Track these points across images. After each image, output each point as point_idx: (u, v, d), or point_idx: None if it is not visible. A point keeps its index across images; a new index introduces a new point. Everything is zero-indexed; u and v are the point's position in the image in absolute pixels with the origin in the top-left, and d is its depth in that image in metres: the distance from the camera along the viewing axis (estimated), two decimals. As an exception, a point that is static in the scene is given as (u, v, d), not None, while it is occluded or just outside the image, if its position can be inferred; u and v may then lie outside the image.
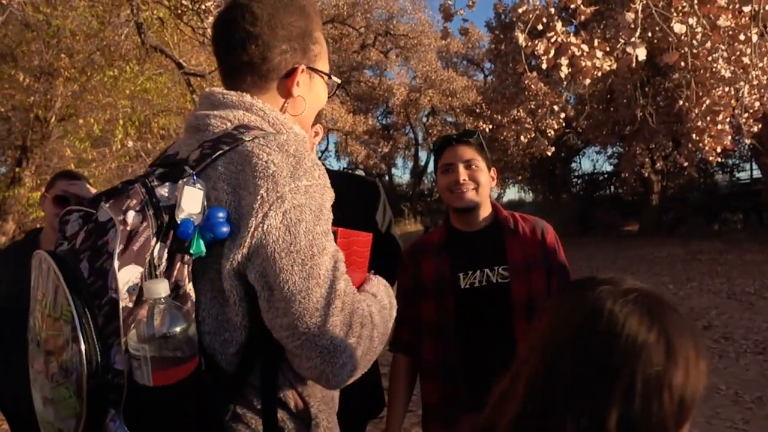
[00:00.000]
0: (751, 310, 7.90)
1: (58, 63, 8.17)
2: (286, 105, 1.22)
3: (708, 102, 8.57)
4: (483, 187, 1.90)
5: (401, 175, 55.16)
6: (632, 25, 3.70)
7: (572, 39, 5.58)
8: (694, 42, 5.89)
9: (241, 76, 1.19)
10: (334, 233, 1.11)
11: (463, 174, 1.89)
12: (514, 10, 8.20)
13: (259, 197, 0.99)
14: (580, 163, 27.29)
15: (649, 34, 9.95)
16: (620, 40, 8.57)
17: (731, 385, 4.79)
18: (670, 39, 6.94)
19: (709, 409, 4.27)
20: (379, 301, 1.19)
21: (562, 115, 10.50)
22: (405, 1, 22.69)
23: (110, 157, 7.84)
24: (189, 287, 1.00)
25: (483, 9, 41.35)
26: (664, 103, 12.98)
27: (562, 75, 5.74)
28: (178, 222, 0.99)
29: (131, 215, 0.98)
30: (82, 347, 0.91)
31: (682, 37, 4.12)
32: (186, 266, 1.00)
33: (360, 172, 33.28)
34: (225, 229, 0.99)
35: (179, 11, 6.57)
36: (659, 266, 13.14)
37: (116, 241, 0.96)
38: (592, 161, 63.70)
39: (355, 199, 2.06)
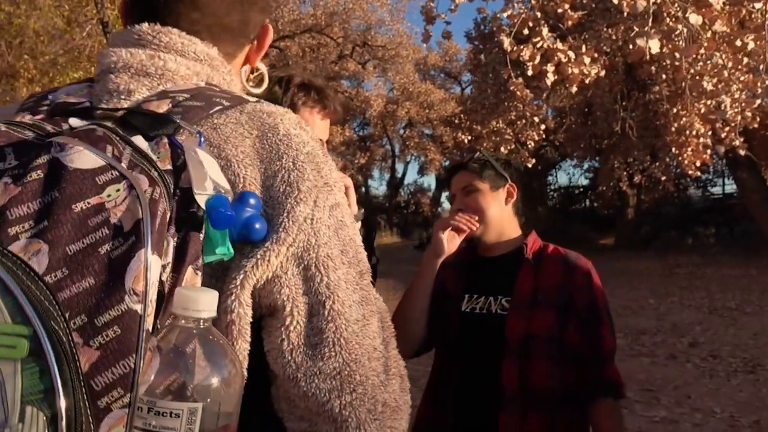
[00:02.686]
0: (735, 326, 7.76)
1: (19, 64, 7.79)
2: (247, 78, 0.90)
3: (688, 116, 8.52)
4: (486, 213, 1.73)
5: (378, 186, 55.09)
6: (645, 14, 3.48)
7: (558, 45, 5.40)
8: (676, 54, 5.76)
9: (219, 39, 0.82)
10: None
11: (458, 203, 1.76)
12: (495, 20, 8.04)
13: (306, 176, 0.68)
14: (556, 176, 27.32)
15: (630, 46, 9.91)
16: (604, 49, 8.45)
17: (726, 408, 4.58)
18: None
19: (706, 434, 4.05)
20: None
21: (543, 127, 10.36)
22: (383, 11, 22.54)
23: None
24: None
25: (461, 21, 41.64)
26: (642, 117, 12.95)
27: (548, 82, 5.55)
28: (198, 202, 0.61)
29: (126, 167, 0.57)
30: (62, 404, 0.46)
31: (677, 38, 3.92)
32: (198, 274, 0.61)
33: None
34: (258, 225, 0.64)
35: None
36: (637, 280, 13.05)
37: (138, 208, 0.54)
38: (568, 175, 64.65)
39: None
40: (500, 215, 1.74)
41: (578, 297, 1.64)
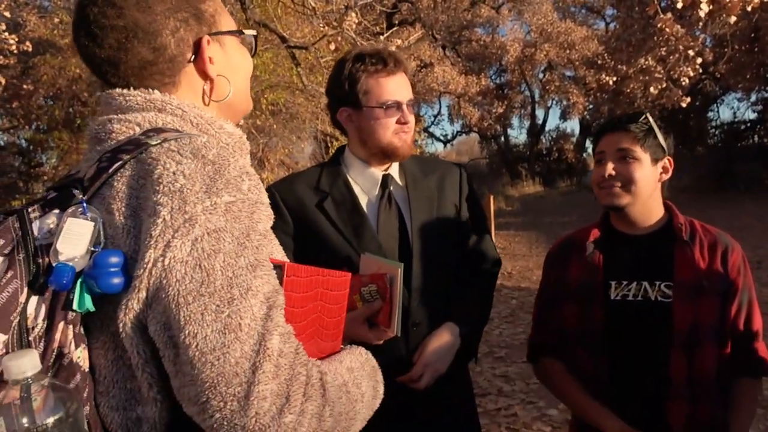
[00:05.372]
0: None
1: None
2: (205, 93, 0.98)
3: None
4: (637, 184, 1.58)
5: (517, 135, 53.70)
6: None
7: (713, -29, 4.79)
8: None
9: (141, 83, 0.93)
10: (279, 268, 0.83)
11: (609, 168, 1.59)
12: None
13: (160, 221, 0.75)
14: (718, 111, 24.84)
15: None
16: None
17: None
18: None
19: None
20: (355, 377, 0.90)
21: (699, 61, 9.37)
22: (517, -49, 21.42)
23: (223, 136, 7.99)
24: (77, 355, 0.77)
25: (602, -49, 38.41)
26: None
27: (701, 14, 4.98)
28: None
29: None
30: None
31: None
32: (71, 327, 0.76)
33: (474, 135, 32.59)
34: (117, 280, 0.76)
35: (279, -17, 6.43)
36: (818, 225, 11.62)
37: None
38: (731, 109, 58.55)
39: (437, 188, 1.77)
40: (651, 190, 1.61)
41: (737, 280, 1.56)
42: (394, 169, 1.74)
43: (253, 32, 1.08)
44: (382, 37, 7.33)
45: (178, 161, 0.78)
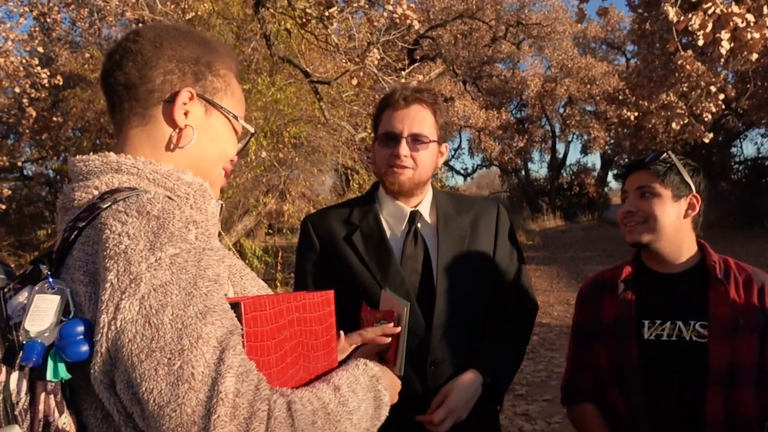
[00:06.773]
0: None
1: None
2: (172, 139, 1.01)
3: None
4: (658, 220, 1.56)
5: (538, 169, 53.54)
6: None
7: (734, 9, 4.81)
8: None
9: (120, 104, 1.00)
10: (235, 306, 0.83)
11: (630, 204, 1.60)
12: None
13: (108, 285, 0.77)
14: (741, 147, 24.59)
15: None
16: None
17: None
18: None
19: None
20: (340, 397, 0.90)
21: (721, 96, 9.34)
22: (537, -12, 21.68)
23: (245, 169, 8.07)
24: (62, 421, 0.81)
25: (622, -12, 38.77)
26: None
27: (723, 51, 4.98)
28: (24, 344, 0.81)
29: None
30: None
31: None
32: (52, 396, 0.80)
33: (495, 169, 32.63)
34: (84, 348, 0.79)
35: (303, 20, 6.57)
36: None
37: None
38: (755, 144, 57.86)
39: (470, 226, 1.75)
40: (676, 227, 1.58)
41: None
42: (425, 205, 1.73)
43: (251, 129, 1.11)
44: (403, 73, 7.42)
45: (123, 221, 0.81)
